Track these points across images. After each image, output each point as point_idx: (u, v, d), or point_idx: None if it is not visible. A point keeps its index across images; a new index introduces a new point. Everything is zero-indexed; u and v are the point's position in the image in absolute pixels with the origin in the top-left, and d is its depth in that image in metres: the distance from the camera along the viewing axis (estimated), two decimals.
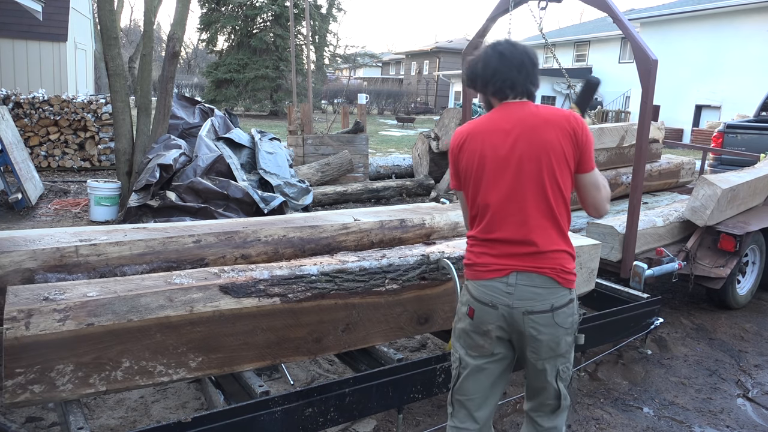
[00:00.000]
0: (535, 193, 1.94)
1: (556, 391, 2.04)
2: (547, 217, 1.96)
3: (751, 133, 8.24)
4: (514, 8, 4.76)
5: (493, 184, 1.97)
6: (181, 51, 6.82)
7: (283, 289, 2.57)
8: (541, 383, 2.05)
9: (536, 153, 1.93)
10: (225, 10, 25.17)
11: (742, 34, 18.52)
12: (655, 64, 3.86)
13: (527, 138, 1.94)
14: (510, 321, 1.96)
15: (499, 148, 1.96)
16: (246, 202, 5.72)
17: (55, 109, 9.09)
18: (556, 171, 1.94)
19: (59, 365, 2.14)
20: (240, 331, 2.46)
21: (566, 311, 1.97)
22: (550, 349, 1.97)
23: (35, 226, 6.15)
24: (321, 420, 2.47)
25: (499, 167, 1.96)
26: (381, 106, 34.76)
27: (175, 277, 2.48)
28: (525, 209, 1.95)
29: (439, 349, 3.62)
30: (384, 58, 50.53)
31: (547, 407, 2.09)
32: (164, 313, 2.29)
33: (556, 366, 2.01)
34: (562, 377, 2.04)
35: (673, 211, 4.75)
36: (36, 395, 2.13)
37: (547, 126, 1.94)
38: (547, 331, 1.94)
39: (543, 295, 1.94)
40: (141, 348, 2.27)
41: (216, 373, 2.48)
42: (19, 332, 2.05)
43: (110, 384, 2.24)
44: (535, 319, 1.93)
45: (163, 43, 31.79)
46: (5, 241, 2.88)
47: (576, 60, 28.34)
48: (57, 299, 2.17)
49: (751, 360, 4.04)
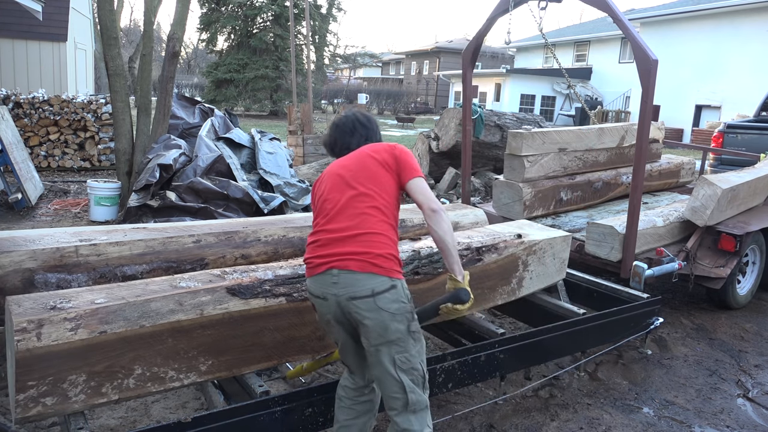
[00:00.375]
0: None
1: (398, 383, 2.14)
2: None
3: (751, 133, 8.24)
4: (514, 8, 4.76)
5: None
6: (181, 51, 6.82)
7: (288, 289, 2.59)
8: (379, 371, 2.17)
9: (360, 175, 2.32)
10: (225, 10, 25.18)
11: (742, 34, 18.52)
12: (655, 64, 3.86)
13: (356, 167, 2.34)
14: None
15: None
16: (246, 202, 5.72)
17: (55, 109, 9.09)
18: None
19: (72, 376, 2.09)
20: (248, 332, 2.46)
21: (388, 296, 2.12)
22: (379, 335, 2.11)
23: (35, 226, 6.15)
24: (321, 420, 2.47)
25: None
26: (381, 106, 34.76)
27: (180, 281, 2.47)
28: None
29: (439, 349, 3.62)
30: (384, 58, 50.53)
31: (396, 401, 2.16)
32: (176, 317, 2.28)
33: (390, 353, 2.12)
34: (401, 367, 2.13)
35: (673, 211, 4.74)
36: (48, 408, 2.07)
37: (368, 160, 2.34)
38: (371, 315, 2.11)
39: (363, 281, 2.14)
40: (153, 354, 2.24)
41: (225, 375, 2.47)
42: (31, 343, 1.99)
43: (122, 392, 2.20)
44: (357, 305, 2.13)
45: (163, 43, 31.79)
46: (5, 241, 2.88)
47: (576, 60, 28.33)
48: (65, 308, 2.12)
49: (751, 360, 4.03)
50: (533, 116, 9.80)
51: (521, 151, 4.84)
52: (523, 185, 4.87)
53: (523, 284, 3.53)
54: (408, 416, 2.16)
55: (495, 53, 38.39)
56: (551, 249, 3.62)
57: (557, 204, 5.20)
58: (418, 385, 2.17)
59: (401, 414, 2.17)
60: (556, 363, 3.69)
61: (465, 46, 5.37)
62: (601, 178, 5.57)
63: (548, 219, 5.12)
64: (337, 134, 2.53)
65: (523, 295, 3.57)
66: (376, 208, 2.22)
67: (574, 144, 5.29)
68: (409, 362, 2.15)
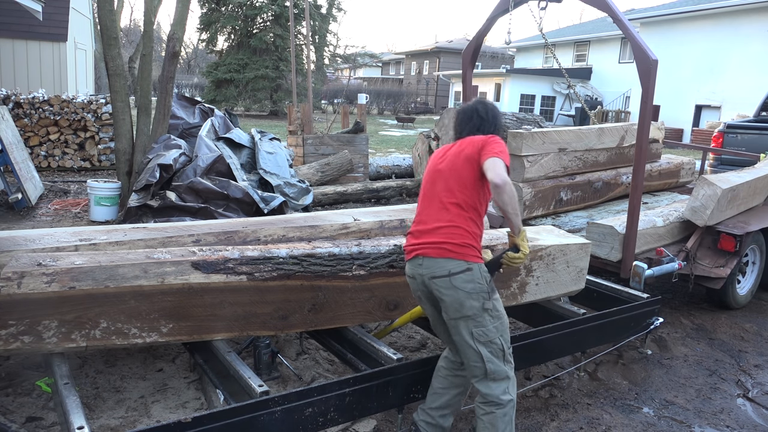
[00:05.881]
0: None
1: (476, 353, 2.42)
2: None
3: (751, 133, 8.23)
4: (514, 8, 4.77)
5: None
6: (181, 51, 6.82)
7: (250, 268, 2.79)
8: (459, 341, 2.47)
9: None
10: (225, 10, 25.15)
11: (742, 34, 18.51)
12: (655, 64, 3.86)
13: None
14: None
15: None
16: (246, 202, 5.72)
17: (55, 109, 9.09)
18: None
19: (45, 320, 2.46)
20: (208, 303, 2.71)
21: (463, 277, 2.41)
22: (455, 310, 2.42)
23: (35, 226, 6.15)
24: (321, 420, 2.47)
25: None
26: (381, 106, 34.75)
27: (155, 253, 2.75)
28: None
29: (439, 349, 3.62)
30: (384, 58, 50.50)
31: (477, 369, 2.46)
32: (138, 282, 2.56)
33: (468, 327, 2.42)
34: (478, 340, 2.42)
35: (673, 211, 4.74)
36: (26, 345, 2.45)
37: (460, 153, 2.58)
38: (448, 293, 2.42)
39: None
40: (117, 311, 2.55)
41: (186, 339, 2.75)
42: (12, 290, 2.40)
43: (90, 341, 2.54)
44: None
45: (163, 43, 31.80)
46: (5, 241, 2.89)
47: (576, 60, 28.32)
48: (48, 265, 2.50)
49: (751, 360, 4.04)
50: (533, 116, 9.78)
51: (521, 151, 4.84)
52: (523, 185, 4.87)
53: (527, 290, 3.47)
54: (488, 383, 2.44)
55: (495, 53, 38.39)
56: (563, 256, 3.52)
57: (557, 204, 5.20)
58: (498, 357, 2.44)
59: (482, 381, 2.46)
60: (556, 363, 3.69)
61: (465, 46, 5.37)
62: (601, 178, 5.57)
63: (548, 219, 5.12)
64: (456, 120, 2.75)
65: (528, 301, 3.51)
66: (456, 204, 2.49)
67: (574, 144, 5.29)
68: (485, 336, 2.43)
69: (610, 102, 24.98)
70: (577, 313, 3.51)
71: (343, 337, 3.15)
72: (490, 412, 2.43)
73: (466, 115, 2.69)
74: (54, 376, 2.47)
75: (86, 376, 3.14)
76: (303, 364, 3.46)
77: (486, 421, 2.43)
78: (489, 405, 2.43)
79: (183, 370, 3.28)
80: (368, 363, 2.85)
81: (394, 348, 3.22)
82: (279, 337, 3.69)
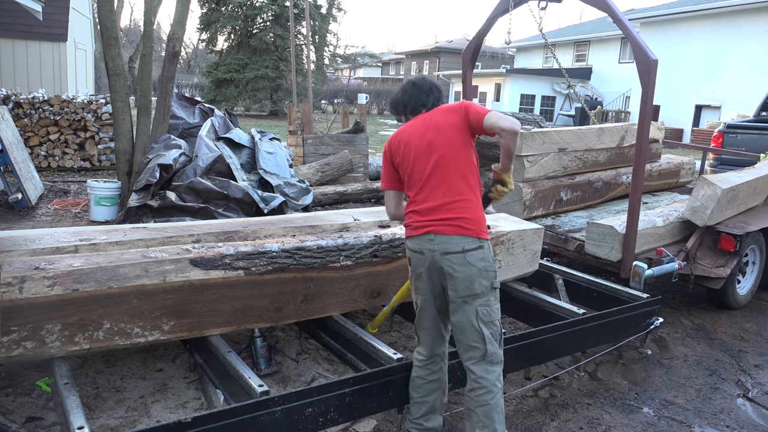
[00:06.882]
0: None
1: (479, 333, 2.42)
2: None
3: (751, 133, 8.24)
4: (514, 8, 4.77)
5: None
6: (181, 51, 6.82)
7: (246, 263, 2.85)
8: (463, 321, 2.44)
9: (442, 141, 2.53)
10: (225, 10, 25.15)
11: (742, 34, 18.51)
12: (655, 64, 3.86)
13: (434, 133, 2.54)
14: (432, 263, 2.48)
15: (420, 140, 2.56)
16: (246, 202, 5.72)
17: (55, 109, 9.08)
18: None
19: (48, 325, 2.43)
20: (208, 299, 2.74)
21: (476, 254, 2.42)
22: (466, 287, 2.41)
23: (35, 226, 6.15)
24: (321, 420, 2.47)
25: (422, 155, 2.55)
26: (381, 106, 34.73)
27: (151, 252, 2.78)
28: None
29: None
30: (384, 58, 50.49)
31: (476, 350, 2.45)
32: (140, 281, 2.58)
33: (474, 306, 2.41)
34: (482, 319, 2.42)
35: (673, 211, 4.74)
36: (28, 350, 2.41)
37: (443, 123, 2.55)
38: (461, 269, 2.40)
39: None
40: (120, 312, 2.55)
41: (187, 336, 2.76)
42: (14, 295, 2.36)
43: (93, 343, 2.52)
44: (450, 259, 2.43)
45: (163, 43, 31.79)
46: (5, 241, 2.89)
47: (576, 60, 28.32)
48: (47, 269, 2.48)
49: (751, 360, 4.03)
50: (533, 116, 9.78)
51: (521, 151, 4.84)
52: (522, 185, 4.87)
53: None
54: (485, 366, 2.44)
55: (495, 53, 38.39)
56: (521, 240, 3.73)
57: (557, 204, 5.20)
58: (496, 339, 2.46)
59: (479, 363, 2.44)
60: (556, 363, 3.69)
61: (465, 46, 5.37)
62: (601, 178, 5.57)
63: (548, 219, 5.12)
64: (413, 92, 2.65)
65: None
66: (460, 176, 2.48)
67: (574, 144, 5.29)
68: (489, 316, 2.45)
69: (610, 102, 24.98)
70: (577, 313, 3.51)
71: (343, 336, 3.15)
72: (484, 404, 2.41)
73: (425, 86, 2.66)
74: (54, 376, 2.47)
75: (86, 376, 3.14)
76: (303, 364, 3.46)
77: (480, 413, 2.43)
78: (482, 391, 2.42)
79: (183, 370, 3.28)
80: (368, 363, 2.85)
81: (394, 348, 3.22)
82: (279, 337, 3.69)
